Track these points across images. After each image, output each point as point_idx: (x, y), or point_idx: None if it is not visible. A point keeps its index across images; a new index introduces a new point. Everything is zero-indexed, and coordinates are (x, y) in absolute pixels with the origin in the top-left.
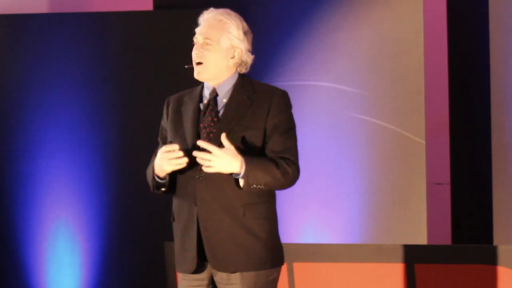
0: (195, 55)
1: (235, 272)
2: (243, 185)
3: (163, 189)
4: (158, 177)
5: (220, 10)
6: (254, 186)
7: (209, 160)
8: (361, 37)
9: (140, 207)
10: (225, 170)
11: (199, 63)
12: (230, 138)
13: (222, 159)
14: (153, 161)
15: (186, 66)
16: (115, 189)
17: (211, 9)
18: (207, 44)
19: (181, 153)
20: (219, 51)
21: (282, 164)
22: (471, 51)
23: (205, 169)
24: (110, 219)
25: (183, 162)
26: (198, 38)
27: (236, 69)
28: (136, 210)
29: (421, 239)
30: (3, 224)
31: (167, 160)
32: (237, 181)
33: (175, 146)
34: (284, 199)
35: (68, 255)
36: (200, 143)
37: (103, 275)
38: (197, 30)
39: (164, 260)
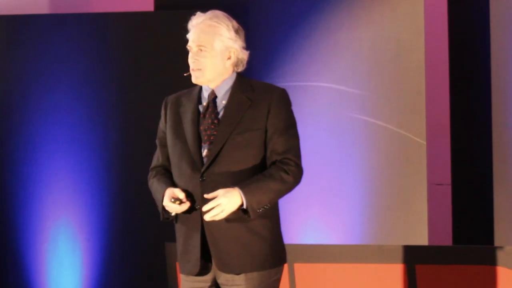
0: (192, 63)
1: (240, 273)
2: (251, 214)
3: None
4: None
5: (208, 14)
6: (260, 210)
7: (221, 211)
8: (361, 37)
9: (141, 207)
10: (233, 208)
11: (197, 69)
12: (230, 141)
13: (228, 202)
14: (160, 184)
15: (184, 74)
16: (116, 189)
17: (198, 13)
18: (201, 50)
19: (184, 207)
20: (214, 56)
21: (278, 172)
22: (472, 51)
23: (217, 218)
24: (110, 219)
25: (185, 207)
26: (192, 46)
27: (234, 69)
28: (137, 210)
29: (422, 240)
30: (3, 224)
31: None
32: (244, 211)
33: (181, 195)
34: (285, 200)
35: (69, 255)
36: (207, 196)
37: (103, 275)
38: (189, 37)
39: (165, 260)
